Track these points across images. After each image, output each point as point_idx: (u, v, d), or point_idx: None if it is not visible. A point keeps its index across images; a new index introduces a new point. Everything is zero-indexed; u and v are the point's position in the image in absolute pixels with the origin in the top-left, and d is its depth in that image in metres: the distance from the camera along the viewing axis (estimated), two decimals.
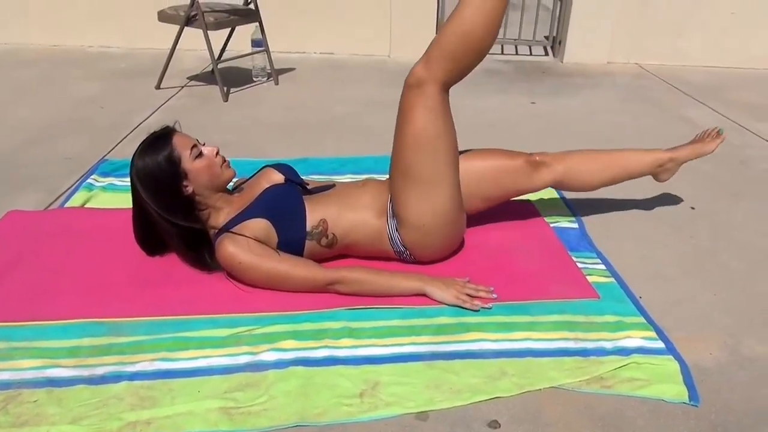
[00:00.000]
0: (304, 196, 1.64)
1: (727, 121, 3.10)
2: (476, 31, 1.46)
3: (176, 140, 1.55)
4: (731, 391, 1.30)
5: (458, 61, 1.49)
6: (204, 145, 1.61)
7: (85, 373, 1.29)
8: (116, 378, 1.28)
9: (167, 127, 1.59)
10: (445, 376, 1.30)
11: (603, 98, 3.48)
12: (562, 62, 4.24)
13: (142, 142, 1.56)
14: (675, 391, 1.28)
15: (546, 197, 2.13)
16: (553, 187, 1.83)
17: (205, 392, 1.25)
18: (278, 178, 1.70)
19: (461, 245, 1.76)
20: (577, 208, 2.06)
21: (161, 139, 1.54)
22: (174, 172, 1.52)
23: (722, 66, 4.22)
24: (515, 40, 4.40)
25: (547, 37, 4.48)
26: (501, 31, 4.30)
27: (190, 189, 1.55)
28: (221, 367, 1.32)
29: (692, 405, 1.25)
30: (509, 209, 2.02)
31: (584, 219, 1.99)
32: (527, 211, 2.01)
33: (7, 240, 1.76)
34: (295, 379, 1.28)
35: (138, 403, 1.21)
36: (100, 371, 1.29)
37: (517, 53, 4.47)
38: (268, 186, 1.66)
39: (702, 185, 2.32)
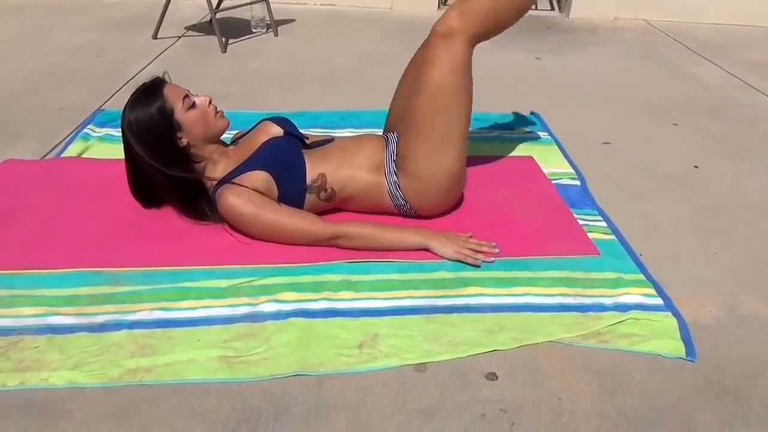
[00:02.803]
0: (303, 150, 1.62)
1: (734, 79, 3.05)
2: None
3: (167, 91, 1.51)
4: (728, 348, 1.31)
5: (493, 18, 1.47)
6: (196, 95, 1.57)
7: (84, 321, 1.29)
8: (116, 326, 1.28)
9: (157, 77, 1.55)
10: (444, 329, 1.31)
11: (609, 55, 3.41)
12: (567, 17, 4.14)
13: (132, 95, 1.53)
14: (672, 346, 1.28)
15: (549, 153, 2.11)
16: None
17: (205, 341, 1.25)
18: (277, 131, 1.67)
19: (461, 200, 1.75)
20: (580, 164, 2.04)
21: (152, 90, 1.51)
22: (167, 124, 1.49)
23: (731, 23, 4.13)
24: None
25: None
26: None
27: (184, 141, 1.52)
28: (221, 317, 1.32)
29: (689, 360, 1.26)
30: (511, 165, 2.01)
31: (586, 175, 1.97)
32: (529, 167, 1.99)
33: (4, 188, 1.74)
34: (294, 330, 1.28)
35: (138, 351, 1.22)
36: (99, 319, 1.30)
37: None
38: (267, 139, 1.63)
39: (706, 144, 2.30)
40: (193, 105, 1.53)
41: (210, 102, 1.57)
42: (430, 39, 1.48)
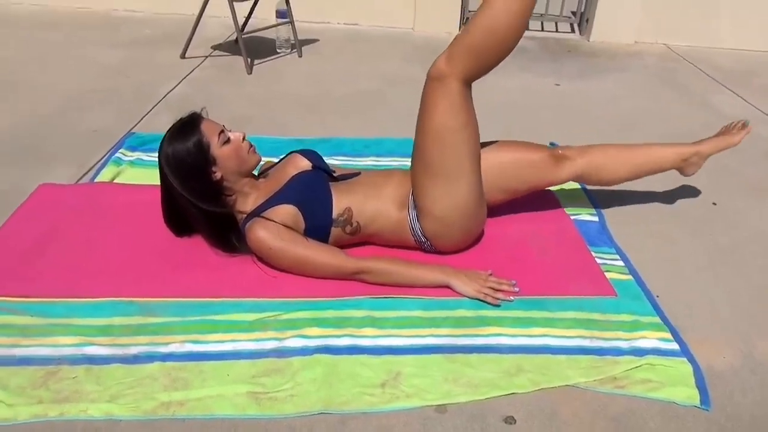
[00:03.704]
0: (330, 183, 1.67)
1: (754, 110, 3.06)
2: (501, 30, 1.46)
3: (204, 126, 1.57)
4: (743, 396, 1.34)
5: (481, 58, 1.49)
6: (230, 130, 1.63)
7: (119, 352, 1.35)
8: (149, 358, 1.34)
9: (194, 113, 1.62)
10: (464, 370, 1.35)
11: (629, 82, 3.44)
12: (588, 41, 4.17)
13: (170, 128, 1.59)
14: (687, 394, 1.31)
15: (568, 188, 2.14)
16: (574, 180, 1.85)
17: (234, 376, 1.30)
18: (305, 164, 1.72)
19: (481, 235, 1.79)
20: (599, 201, 2.07)
21: (189, 125, 1.57)
22: (203, 159, 1.55)
23: (753, 49, 4.13)
24: (541, 15, 4.33)
25: (574, 13, 4.41)
26: None
27: (218, 175, 1.58)
28: (248, 351, 1.37)
29: (703, 409, 1.29)
30: (531, 200, 2.03)
31: (605, 212, 2.01)
32: (549, 202, 2.03)
33: (39, 214, 1.81)
34: (319, 367, 1.33)
35: (171, 384, 1.28)
36: (133, 351, 1.35)
37: (542, 29, 4.40)
38: (296, 173, 1.69)
39: (724, 180, 2.31)
40: (228, 140, 1.59)
41: (244, 138, 1.63)
42: (426, 83, 1.54)
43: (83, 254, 1.66)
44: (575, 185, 2.17)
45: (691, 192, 2.21)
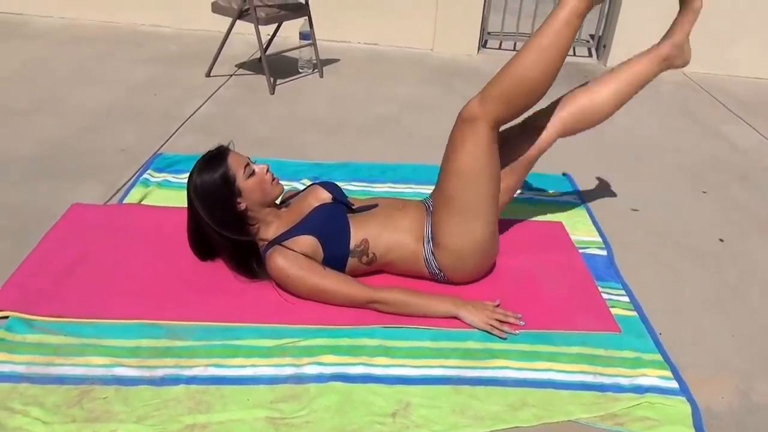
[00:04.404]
0: (348, 215, 1.75)
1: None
2: (533, 78, 1.54)
3: (231, 160, 1.66)
4: None
5: (512, 103, 1.58)
6: (255, 163, 1.72)
7: (146, 374, 1.43)
8: (174, 381, 1.42)
9: (221, 146, 1.71)
10: (470, 402, 1.42)
11: (644, 111, 3.48)
12: (605, 66, 4.23)
13: (199, 160, 1.69)
14: None
15: (578, 219, 2.20)
16: (561, 137, 1.85)
17: (254, 401, 1.39)
18: (326, 196, 1.81)
19: (492, 267, 1.86)
20: (607, 232, 2.13)
21: (217, 158, 1.67)
22: (229, 191, 1.64)
23: None
24: None
25: (592, 36, 4.46)
26: None
27: (243, 205, 1.67)
28: (267, 377, 1.45)
29: None
30: (540, 230, 2.11)
31: (613, 244, 2.06)
32: (558, 234, 2.09)
33: (72, 235, 1.91)
34: (334, 395, 1.41)
35: (194, 407, 1.36)
36: (159, 373, 1.44)
37: None
38: (317, 204, 1.77)
39: (733, 215, 2.36)
40: (253, 173, 1.68)
41: (268, 170, 1.72)
42: (457, 123, 1.62)
43: (113, 275, 1.75)
44: (585, 216, 2.22)
45: (698, 226, 2.26)
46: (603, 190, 2.47)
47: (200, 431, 1.31)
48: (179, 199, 1.85)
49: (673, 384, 1.50)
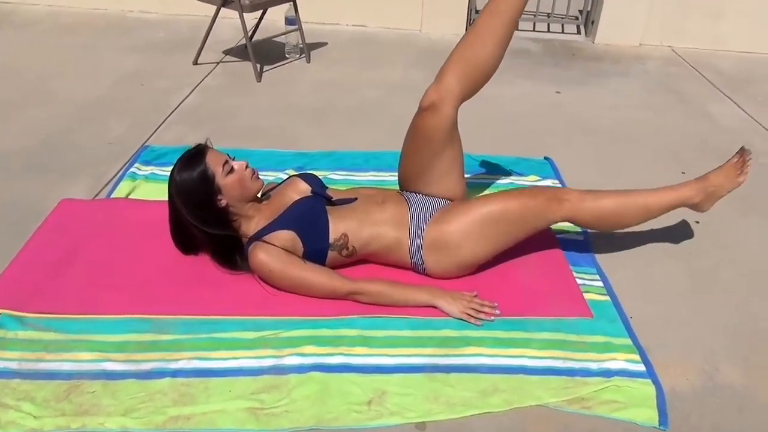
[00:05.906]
0: (327, 207, 1.80)
1: (753, 122, 3.11)
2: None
3: (209, 158, 1.70)
4: (700, 418, 1.46)
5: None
6: (234, 159, 1.76)
7: (133, 368, 1.49)
8: (160, 374, 1.48)
9: (200, 144, 1.75)
10: (443, 389, 1.48)
11: (630, 89, 3.50)
12: (593, 42, 4.22)
13: (178, 159, 1.73)
14: (647, 415, 1.43)
15: None
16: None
17: (236, 392, 1.45)
18: (305, 188, 1.85)
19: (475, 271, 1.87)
20: None
21: (196, 156, 1.71)
22: (209, 188, 1.69)
23: (759, 52, 4.16)
24: (548, 15, 4.38)
25: (581, 12, 4.44)
26: (533, 4, 4.29)
27: (223, 202, 1.72)
28: (249, 368, 1.51)
29: (662, 430, 1.41)
30: None
31: (590, 230, 2.11)
32: None
33: (61, 231, 1.95)
34: (314, 384, 1.47)
35: (179, 399, 1.42)
36: (146, 366, 1.50)
37: (549, 30, 4.44)
38: (296, 198, 1.81)
39: None
40: (232, 170, 1.72)
41: (246, 166, 1.75)
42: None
43: (100, 271, 1.80)
44: None
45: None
46: (584, 172, 2.51)
47: (184, 422, 1.37)
48: (166, 192, 1.88)
49: (641, 367, 1.56)
